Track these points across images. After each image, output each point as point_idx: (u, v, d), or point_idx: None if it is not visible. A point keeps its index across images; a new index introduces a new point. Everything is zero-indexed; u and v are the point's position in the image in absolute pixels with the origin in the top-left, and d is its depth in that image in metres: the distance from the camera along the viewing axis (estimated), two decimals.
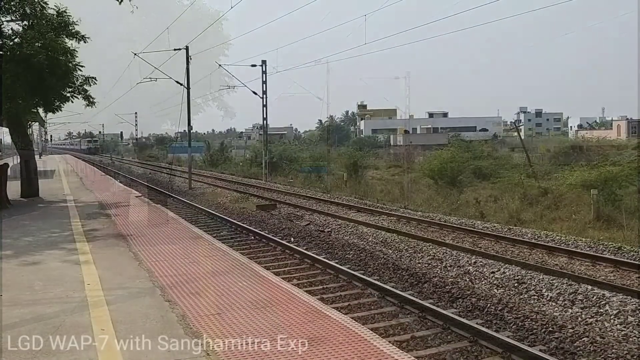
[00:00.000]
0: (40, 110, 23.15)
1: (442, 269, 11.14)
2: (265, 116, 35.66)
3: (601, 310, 8.31)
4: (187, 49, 29.15)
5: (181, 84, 29.45)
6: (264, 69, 34.58)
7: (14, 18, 17.26)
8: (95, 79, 18.99)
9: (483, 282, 10.09)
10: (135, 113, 75.42)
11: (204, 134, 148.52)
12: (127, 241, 10.86)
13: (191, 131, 32.62)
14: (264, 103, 35.01)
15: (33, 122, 34.99)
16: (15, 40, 17.13)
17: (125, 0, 15.42)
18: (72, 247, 10.34)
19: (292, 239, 14.25)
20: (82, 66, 18.29)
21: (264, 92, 34.85)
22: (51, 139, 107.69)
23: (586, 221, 17.35)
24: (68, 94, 18.80)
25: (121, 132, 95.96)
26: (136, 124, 69.55)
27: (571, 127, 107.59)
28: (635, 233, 15.14)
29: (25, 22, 17.30)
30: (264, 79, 34.74)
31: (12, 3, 16.87)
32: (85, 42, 18.10)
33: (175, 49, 29.26)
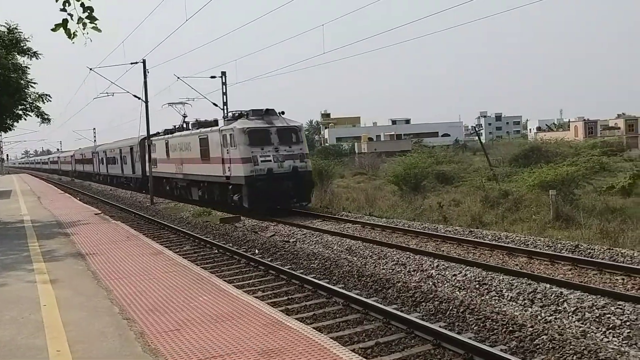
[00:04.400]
0: None
1: (406, 273, 11.20)
2: None
3: (560, 308, 8.47)
4: (144, 62, 28.74)
5: (139, 98, 29.02)
6: (223, 80, 34.37)
7: None
8: (49, 96, 18.62)
9: (445, 285, 10.19)
10: (94, 129, 74.26)
11: None
12: (86, 260, 10.65)
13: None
14: (224, 115, 34.77)
15: None
16: None
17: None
18: (29, 267, 10.11)
19: (256, 250, 14.15)
20: (35, 83, 17.94)
21: (225, 104, 34.62)
22: (7, 158, 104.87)
23: (546, 221, 17.72)
24: (20, 112, 18.39)
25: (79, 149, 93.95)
26: (95, 140, 68.30)
27: (530, 129, 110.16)
28: (592, 231, 15.53)
29: None
30: (224, 90, 34.52)
31: None
32: (37, 58, 17.75)
33: (132, 63, 28.87)
